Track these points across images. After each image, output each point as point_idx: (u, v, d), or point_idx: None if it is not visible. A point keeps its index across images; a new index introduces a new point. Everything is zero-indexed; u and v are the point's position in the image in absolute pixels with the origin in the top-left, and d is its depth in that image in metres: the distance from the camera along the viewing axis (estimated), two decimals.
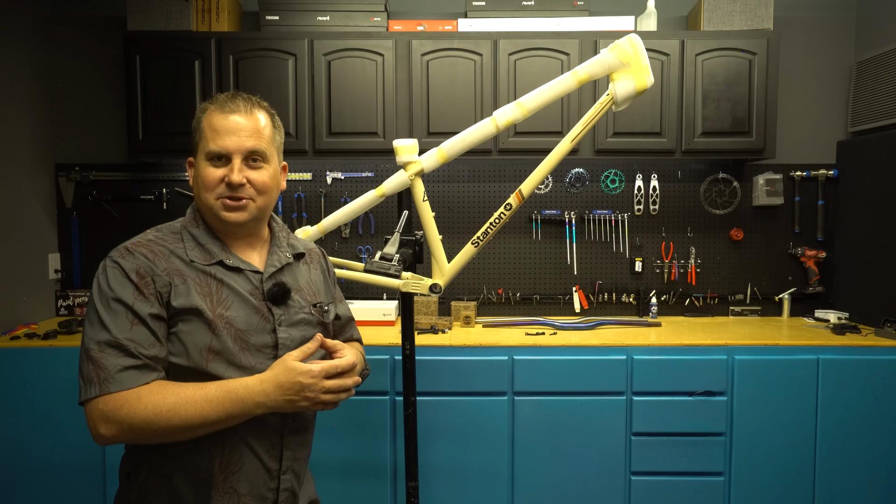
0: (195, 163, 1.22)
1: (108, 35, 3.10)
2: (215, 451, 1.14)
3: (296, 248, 1.34)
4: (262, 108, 1.24)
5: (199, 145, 1.21)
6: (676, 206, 3.20)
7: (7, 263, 2.79)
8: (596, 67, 1.79)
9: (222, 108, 1.20)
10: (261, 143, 1.21)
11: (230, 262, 1.21)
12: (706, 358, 2.57)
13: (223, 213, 1.19)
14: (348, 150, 2.83)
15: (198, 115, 1.23)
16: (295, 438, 1.24)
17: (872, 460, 2.57)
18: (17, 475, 2.57)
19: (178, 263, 1.17)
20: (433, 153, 1.94)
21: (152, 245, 1.17)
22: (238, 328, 1.16)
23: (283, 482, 1.22)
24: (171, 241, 1.20)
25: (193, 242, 1.21)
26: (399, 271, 1.85)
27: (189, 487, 1.15)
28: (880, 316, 2.78)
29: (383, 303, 3.01)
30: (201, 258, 1.19)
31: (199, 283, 1.16)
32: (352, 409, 2.56)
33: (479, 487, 2.58)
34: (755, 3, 2.85)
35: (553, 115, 2.79)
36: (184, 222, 1.25)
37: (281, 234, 1.33)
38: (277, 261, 1.27)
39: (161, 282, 1.13)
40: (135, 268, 1.12)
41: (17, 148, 2.88)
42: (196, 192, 1.22)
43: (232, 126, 1.18)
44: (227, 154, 1.18)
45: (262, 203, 1.23)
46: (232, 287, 1.19)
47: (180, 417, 1.06)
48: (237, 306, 1.17)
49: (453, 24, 2.89)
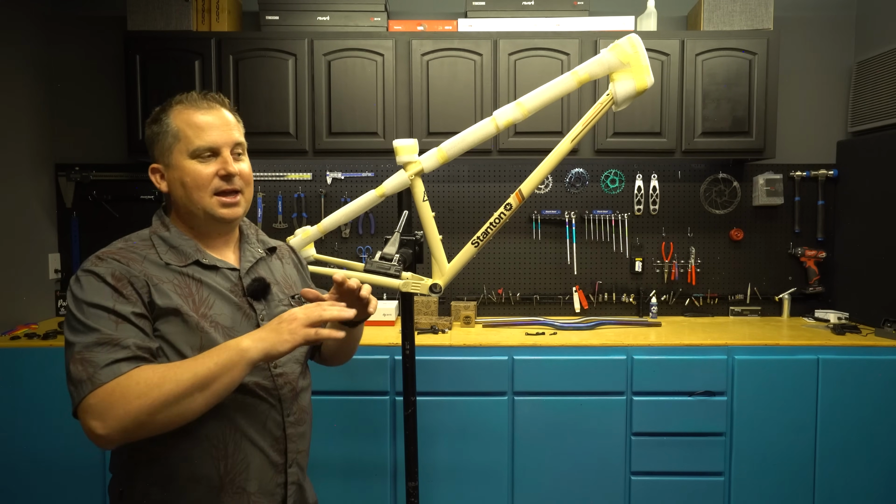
0: (171, 165, 1.19)
1: (108, 35, 3.10)
2: (218, 454, 1.13)
3: (266, 244, 1.35)
4: (226, 105, 1.25)
5: (174, 146, 1.18)
6: (676, 206, 3.20)
7: (7, 263, 2.79)
8: (596, 67, 1.79)
9: (197, 106, 1.19)
10: (241, 136, 1.24)
11: (206, 260, 1.20)
12: (706, 358, 2.57)
13: (220, 210, 1.19)
14: (348, 150, 2.83)
15: (160, 117, 1.20)
16: (297, 430, 1.25)
17: (872, 460, 2.57)
18: (17, 475, 2.57)
19: (152, 268, 1.14)
20: (433, 153, 1.94)
21: (123, 252, 1.15)
22: (224, 326, 1.15)
23: (289, 475, 1.23)
24: (142, 247, 1.18)
25: (165, 246, 1.19)
26: (399, 271, 1.85)
27: (196, 496, 1.13)
28: (880, 316, 2.78)
29: (383, 303, 3.01)
30: (176, 260, 1.17)
31: (178, 285, 1.14)
32: (352, 409, 2.56)
33: (479, 487, 2.58)
34: (755, 3, 2.85)
35: (553, 115, 2.79)
36: (151, 229, 1.23)
37: (249, 231, 1.33)
38: (252, 256, 1.28)
39: (139, 283, 1.10)
40: (110, 272, 1.09)
41: (17, 148, 2.88)
42: (181, 196, 1.19)
43: (214, 122, 1.18)
44: (217, 148, 1.18)
45: (249, 195, 1.25)
46: (211, 286, 1.18)
47: (172, 381, 1.01)
48: (219, 304, 1.17)
49: (453, 24, 2.89)
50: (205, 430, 1.12)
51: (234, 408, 1.15)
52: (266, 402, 1.19)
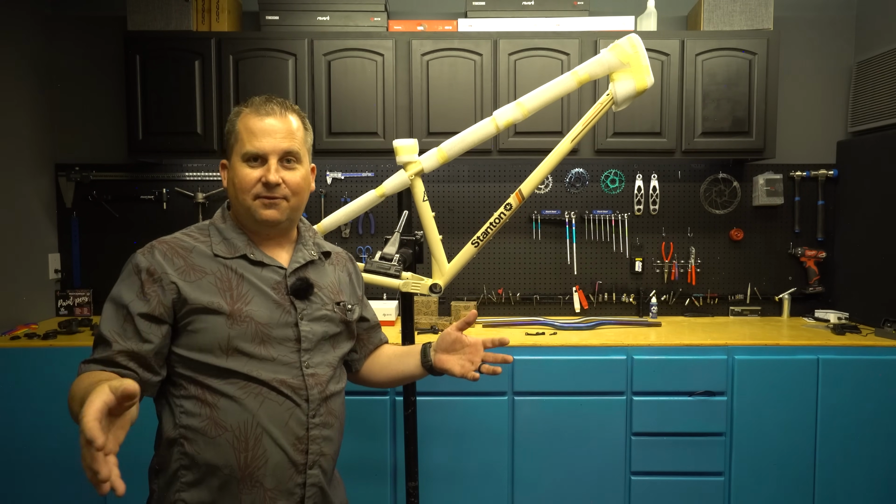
0: (230, 165, 1.26)
1: (108, 35, 3.10)
2: (240, 446, 1.16)
3: (322, 248, 1.38)
4: (294, 111, 1.28)
5: (234, 147, 1.24)
6: (676, 206, 3.20)
7: (7, 263, 2.79)
8: (596, 67, 1.79)
9: (258, 111, 1.23)
10: (294, 144, 1.25)
11: (254, 256, 1.25)
12: (706, 358, 2.57)
13: (260, 211, 1.23)
14: (348, 150, 2.83)
15: (231, 118, 1.27)
16: (322, 432, 1.24)
17: (873, 460, 2.57)
18: (17, 475, 2.57)
19: (199, 259, 1.21)
20: (433, 153, 1.94)
21: (175, 242, 1.23)
22: (259, 322, 1.19)
23: (309, 477, 1.22)
24: (198, 236, 1.26)
25: (219, 237, 1.25)
26: (399, 271, 1.85)
27: (218, 483, 1.16)
28: (880, 316, 2.78)
29: (383, 303, 3.01)
30: (225, 251, 1.23)
31: (220, 278, 1.20)
32: (352, 408, 2.55)
33: (479, 487, 2.58)
34: (755, 3, 2.85)
35: (553, 115, 2.79)
36: (212, 220, 1.30)
37: (307, 233, 1.37)
38: (302, 258, 1.31)
39: (167, 280, 1.17)
40: (147, 265, 1.17)
41: (17, 148, 2.88)
42: (232, 195, 1.26)
43: (267, 128, 1.22)
44: (264, 154, 1.22)
45: (295, 203, 1.27)
46: (252, 282, 1.22)
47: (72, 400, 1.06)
48: (258, 301, 1.21)
49: (453, 24, 2.89)
50: (229, 420, 1.16)
51: (258, 403, 1.17)
52: (291, 400, 1.19)
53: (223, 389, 1.16)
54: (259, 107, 1.24)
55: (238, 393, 1.16)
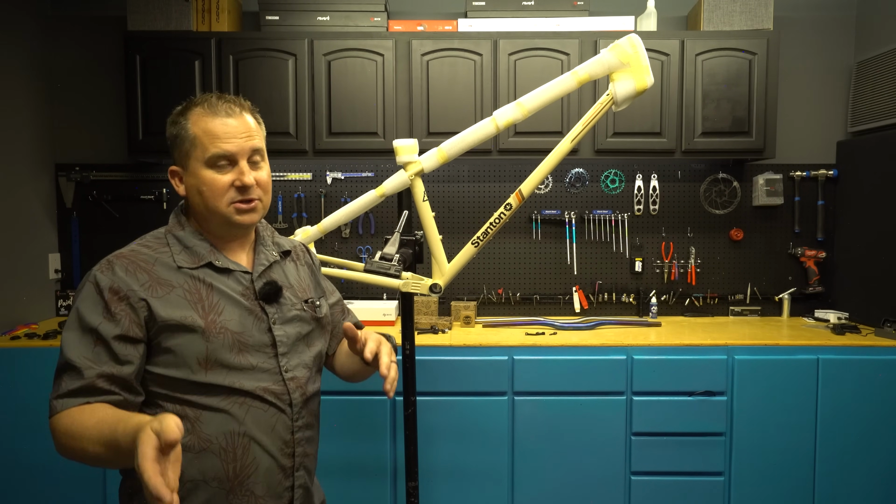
0: (188, 171, 1.18)
1: (108, 35, 3.10)
2: (228, 457, 1.14)
3: (282, 247, 1.34)
4: (248, 108, 1.23)
5: (191, 153, 1.17)
6: (676, 206, 3.20)
7: (7, 263, 2.79)
8: (596, 67, 1.79)
9: (215, 112, 1.16)
10: (259, 142, 1.21)
11: (219, 262, 1.19)
12: (706, 358, 2.57)
13: (237, 217, 1.18)
14: (348, 150, 2.83)
15: (178, 120, 1.19)
16: (305, 434, 1.24)
17: (873, 460, 2.57)
18: (17, 475, 2.57)
19: (163, 272, 1.15)
20: (433, 153, 1.94)
21: (135, 256, 1.15)
22: (233, 331, 1.15)
23: (296, 479, 1.23)
24: (156, 247, 1.18)
25: (179, 246, 1.19)
26: (399, 271, 1.85)
27: (206, 496, 1.14)
28: (880, 316, 2.78)
29: (383, 303, 3.01)
30: (189, 261, 1.17)
31: (189, 290, 1.15)
32: (352, 409, 2.56)
33: (479, 487, 2.59)
34: (755, 3, 2.85)
35: (553, 115, 2.79)
36: (167, 228, 1.22)
37: (265, 233, 1.33)
38: (265, 259, 1.27)
39: (135, 297, 1.10)
40: (109, 284, 1.10)
41: (17, 148, 2.88)
42: (197, 202, 1.19)
43: (231, 129, 1.16)
44: (233, 157, 1.16)
45: (267, 202, 1.23)
46: (222, 291, 1.17)
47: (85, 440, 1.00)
48: (229, 309, 1.17)
49: (453, 24, 2.89)
50: (214, 433, 1.13)
51: (243, 412, 1.15)
52: (275, 406, 1.18)
53: (206, 403, 1.13)
54: (216, 107, 1.17)
55: (222, 405, 1.13)
